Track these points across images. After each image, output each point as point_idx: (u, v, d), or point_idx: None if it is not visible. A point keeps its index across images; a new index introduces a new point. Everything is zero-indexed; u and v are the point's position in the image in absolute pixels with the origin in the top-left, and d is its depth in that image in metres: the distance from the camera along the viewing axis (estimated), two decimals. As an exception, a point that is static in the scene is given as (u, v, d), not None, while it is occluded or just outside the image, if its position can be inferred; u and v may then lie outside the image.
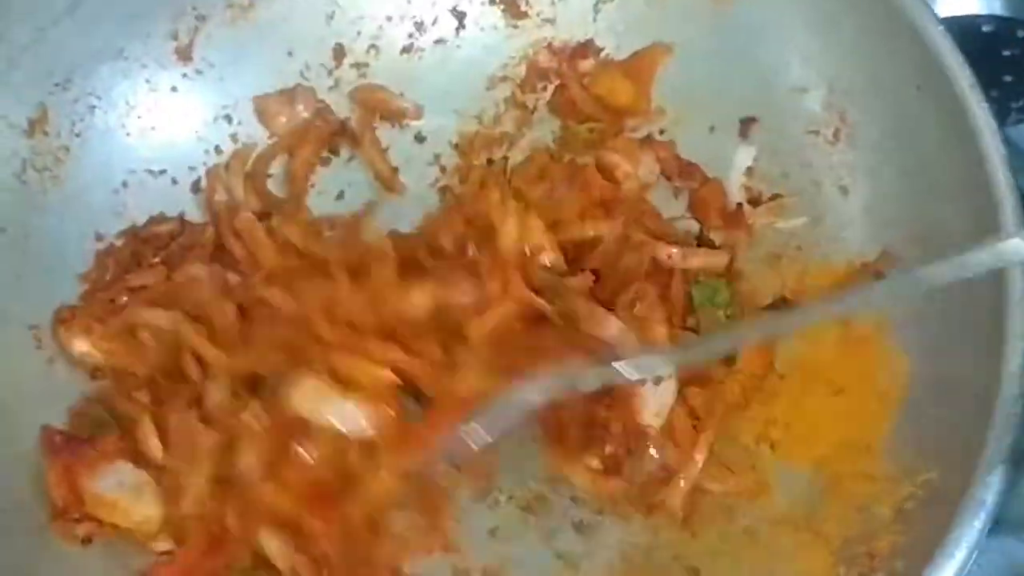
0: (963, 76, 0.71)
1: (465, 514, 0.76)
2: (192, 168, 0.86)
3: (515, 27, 0.88)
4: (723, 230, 0.84)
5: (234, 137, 0.87)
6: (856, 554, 0.66)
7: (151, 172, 0.85)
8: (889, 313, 0.75)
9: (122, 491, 0.71)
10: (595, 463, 0.77)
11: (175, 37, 0.85)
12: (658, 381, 0.75)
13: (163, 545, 0.72)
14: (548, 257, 0.78)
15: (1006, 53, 0.93)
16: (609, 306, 0.79)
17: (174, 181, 0.85)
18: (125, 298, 0.79)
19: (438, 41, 0.88)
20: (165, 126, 0.85)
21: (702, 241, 0.84)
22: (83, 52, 0.81)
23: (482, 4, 0.88)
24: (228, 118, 0.87)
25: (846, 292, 0.76)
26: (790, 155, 0.83)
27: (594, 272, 0.81)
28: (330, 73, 0.88)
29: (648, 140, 0.87)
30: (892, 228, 0.77)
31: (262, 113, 0.87)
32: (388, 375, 0.69)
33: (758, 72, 0.83)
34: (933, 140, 0.73)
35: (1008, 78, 0.92)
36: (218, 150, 0.86)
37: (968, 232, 0.70)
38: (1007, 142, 0.69)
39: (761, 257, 0.82)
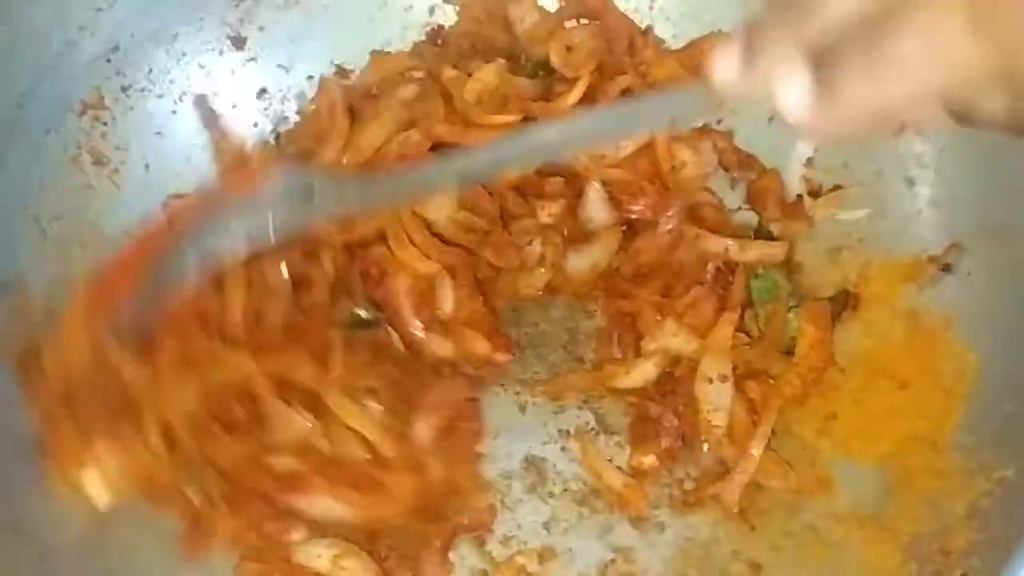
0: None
1: (519, 505, 0.75)
2: (244, 154, 0.85)
3: (571, 16, 0.87)
4: (782, 221, 0.83)
5: (286, 124, 0.86)
6: (930, 551, 0.65)
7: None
8: (956, 308, 0.73)
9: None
10: (650, 459, 0.76)
11: (228, 23, 0.84)
12: (724, 379, 0.74)
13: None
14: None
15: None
16: (664, 305, 0.78)
17: (227, 167, 0.85)
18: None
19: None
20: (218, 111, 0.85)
21: (760, 233, 0.83)
22: (139, 34, 0.80)
23: (539, -10, 0.87)
24: (283, 102, 0.86)
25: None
26: (852, 145, 0.81)
27: (649, 266, 0.80)
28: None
29: (705, 129, 0.85)
30: (961, 220, 0.75)
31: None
32: None
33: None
34: (1005, 130, 0.72)
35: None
36: (275, 136, 0.86)
37: (1043, 224, 0.69)
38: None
39: (822, 250, 0.81)
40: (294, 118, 0.86)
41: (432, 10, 0.87)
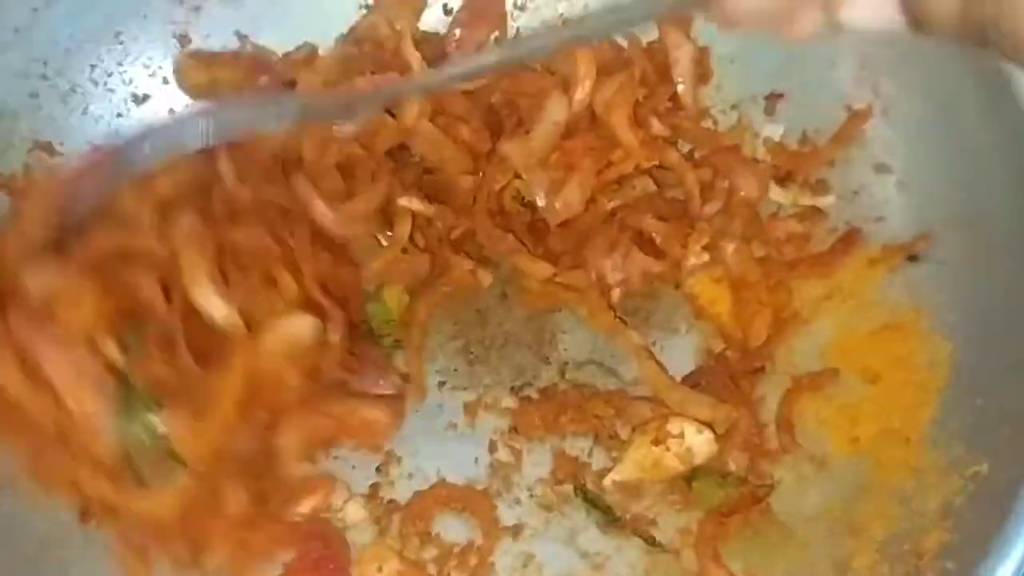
0: (1006, 44, 0.67)
1: (484, 510, 0.73)
2: (194, 156, 0.82)
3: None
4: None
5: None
6: (902, 552, 0.63)
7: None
8: (928, 298, 0.71)
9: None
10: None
11: (173, 20, 0.81)
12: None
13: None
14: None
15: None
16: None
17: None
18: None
19: None
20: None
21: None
22: (79, 35, 0.77)
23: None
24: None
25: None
26: (820, 133, 0.79)
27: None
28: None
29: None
30: (932, 207, 0.73)
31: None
32: None
33: (784, 45, 0.79)
34: (974, 113, 0.70)
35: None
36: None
37: (1014, 210, 0.66)
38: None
39: (790, 238, 0.79)
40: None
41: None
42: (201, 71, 0.80)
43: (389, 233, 0.77)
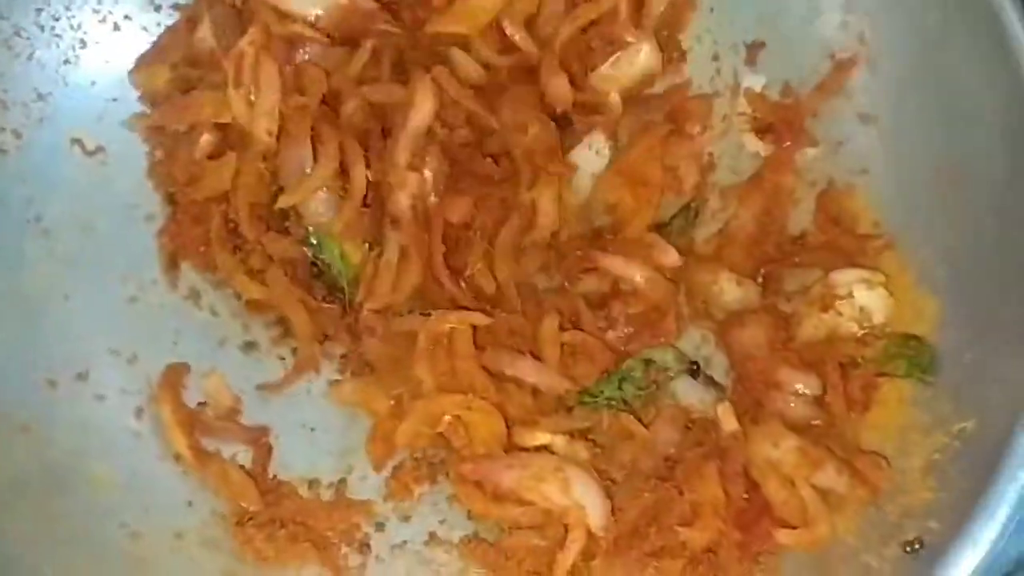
0: (998, -12, 0.64)
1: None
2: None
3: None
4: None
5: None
6: (884, 512, 0.61)
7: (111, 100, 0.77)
8: (915, 252, 0.69)
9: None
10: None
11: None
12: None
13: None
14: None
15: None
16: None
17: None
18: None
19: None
20: (119, 60, 0.77)
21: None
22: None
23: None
24: (186, 52, 0.79)
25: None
26: (803, 83, 0.76)
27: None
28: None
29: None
30: (918, 158, 0.70)
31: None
32: None
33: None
34: (963, 61, 0.67)
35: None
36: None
37: (1003, 161, 0.64)
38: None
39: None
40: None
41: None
42: (157, 71, 0.76)
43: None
